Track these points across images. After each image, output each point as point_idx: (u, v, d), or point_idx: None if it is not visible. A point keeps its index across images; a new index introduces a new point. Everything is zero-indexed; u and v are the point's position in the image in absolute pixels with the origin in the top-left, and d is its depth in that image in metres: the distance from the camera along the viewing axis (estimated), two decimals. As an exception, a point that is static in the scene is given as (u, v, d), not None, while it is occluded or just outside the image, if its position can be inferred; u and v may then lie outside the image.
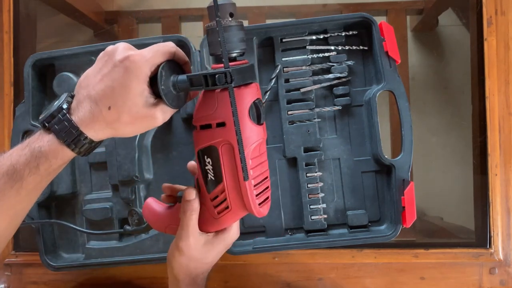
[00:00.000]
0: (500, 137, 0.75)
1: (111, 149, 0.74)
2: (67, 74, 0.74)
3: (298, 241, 0.73)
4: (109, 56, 0.47)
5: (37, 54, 0.75)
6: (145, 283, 0.79)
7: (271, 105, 0.76)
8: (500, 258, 0.75)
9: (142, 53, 0.47)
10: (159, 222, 0.59)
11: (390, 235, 0.70)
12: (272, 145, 0.76)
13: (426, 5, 0.99)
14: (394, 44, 0.71)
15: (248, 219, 0.75)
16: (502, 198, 0.75)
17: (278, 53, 0.75)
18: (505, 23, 0.77)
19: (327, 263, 0.76)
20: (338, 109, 0.74)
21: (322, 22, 0.74)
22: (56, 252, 0.77)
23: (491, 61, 0.76)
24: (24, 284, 0.81)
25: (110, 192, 0.76)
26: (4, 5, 0.85)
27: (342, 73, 0.74)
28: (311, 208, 0.73)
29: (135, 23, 1.01)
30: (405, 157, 0.70)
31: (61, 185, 0.76)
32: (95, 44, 0.74)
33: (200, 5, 1.03)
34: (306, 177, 0.74)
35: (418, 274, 0.75)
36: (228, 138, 0.50)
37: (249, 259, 0.60)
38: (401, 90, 0.70)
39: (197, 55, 0.74)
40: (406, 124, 0.70)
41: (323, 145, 0.74)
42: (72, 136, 0.46)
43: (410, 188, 0.69)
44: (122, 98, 0.45)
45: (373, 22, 0.72)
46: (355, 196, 0.74)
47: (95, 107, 0.46)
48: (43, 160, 0.47)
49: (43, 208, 0.75)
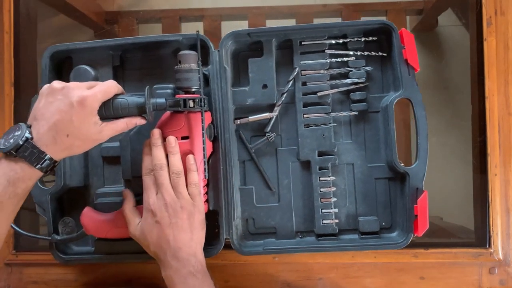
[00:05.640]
0: (500, 137, 0.76)
1: (125, 144, 0.73)
2: (84, 67, 0.73)
3: (309, 245, 0.74)
4: (63, 95, 0.57)
5: (55, 46, 0.75)
6: (145, 282, 0.79)
7: (287, 108, 0.76)
8: (500, 258, 0.75)
9: (95, 94, 0.58)
10: (100, 228, 0.70)
11: (401, 243, 0.70)
12: (286, 147, 0.76)
13: (426, 5, 0.99)
14: (414, 52, 0.71)
15: (259, 220, 0.76)
16: (502, 198, 0.75)
17: (296, 56, 0.75)
18: (505, 23, 0.77)
19: (327, 263, 0.76)
20: (355, 114, 0.74)
21: (342, 27, 0.74)
22: (66, 245, 0.76)
23: (491, 61, 0.76)
24: (24, 284, 0.80)
25: (122, 186, 0.75)
26: (4, 5, 0.84)
27: (360, 79, 0.74)
28: (323, 212, 0.74)
29: (135, 23, 1.00)
30: (419, 165, 0.70)
31: (74, 178, 0.75)
32: (114, 38, 0.73)
33: (200, 5, 1.02)
34: (319, 181, 0.74)
35: (418, 274, 0.76)
36: (190, 148, 0.66)
37: (249, 259, 0.60)
38: (418, 98, 0.71)
39: (216, 55, 0.73)
40: (422, 132, 0.70)
41: (338, 149, 0.75)
42: (41, 160, 0.56)
43: (424, 197, 0.69)
44: (78, 128, 0.57)
45: (394, 29, 0.72)
46: (367, 202, 0.75)
47: (56, 135, 0.57)
48: (20, 184, 0.56)
49: (54, 200, 0.75)
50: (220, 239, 0.71)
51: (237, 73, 0.77)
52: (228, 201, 0.72)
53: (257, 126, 0.76)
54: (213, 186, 0.72)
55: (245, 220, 0.76)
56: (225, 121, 0.72)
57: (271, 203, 0.76)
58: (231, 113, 0.74)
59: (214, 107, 0.72)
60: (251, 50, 0.77)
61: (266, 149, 0.76)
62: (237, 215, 0.74)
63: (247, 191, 0.76)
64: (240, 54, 0.77)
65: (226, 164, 0.72)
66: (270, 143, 0.76)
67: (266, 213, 0.75)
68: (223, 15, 1.00)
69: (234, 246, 0.72)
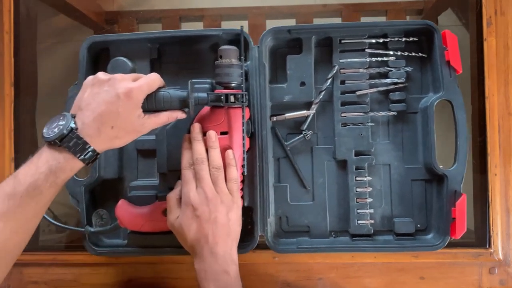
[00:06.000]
0: (500, 137, 0.75)
1: (161, 138, 0.73)
2: (122, 59, 0.73)
3: (343, 244, 0.73)
4: (109, 86, 0.57)
5: (93, 37, 0.74)
6: (145, 282, 0.78)
7: (324, 106, 0.76)
8: (500, 258, 0.74)
9: (141, 87, 0.58)
10: (135, 221, 0.70)
11: (438, 245, 0.70)
12: (322, 146, 0.76)
13: (425, 5, 0.98)
14: (457, 54, 0.70)
15: (293, 218, 0.75)
16: (502, 198, 0.75)
17: (336, 54, 0.74)
18: (505, 23, 0.77)
19: (327, 263, 0.76)
20: (393, 114, 0.74)
21: (384, 27, 0.73)
22: (97, 237, 0.76)
23: (491, 61, 0.76)
24: (24, 284, 0.79)
25: (156, 180, 0.75)
26: (4, 5, 0.84)
27: (400, 79, 0.73)
28: (358, 212, 0.73)
29: (136, 23, 1.00)
30: (458, 168, 0.70)
31: (108, 170, 0.75)
32: (153, 31, 0.72)
33: (200, 5, 1.02)
34: (355, 181, 0.73)
35: (418, 274, 0.75)
36: (229, 143, 0.66)
37: (249, 259, 0.59)
38: (459, 101, 0.70)
39: (256, 51, 0.72)
40: (462, 135, 0.70)
41: (375, 149, 0.74)
42: (84, 151, 0.56)
43: (462, 200, 0.69)
44: (124, 120, 0.57)
45: (436, 30, 0.71)
46: (402, 204, 0.74)
47: (101, 126, 0.56)
48: (61, 174, 0.55)
49: (88, 191, 0.75)
50: (255, 236, 0.71)
51: (274, 69, 0.77)
52: (263, 198, 0.72)
53: (293, 124, 0.76)
54: (248, 183, 0.72)
55: (279, 218, 0.75)
56: (263, 118, 0.72)
57: (305, 201, 0.75)
58: (268, 110, 0.74)
59: (252, 103, 0.72)
60: (289, 47, 0.77)
61: (301, 147, 0.76)
62: (271, 212, 0.73)
63: (281, 189, 0.75)
64: (277, 50, 0.77)
65: (262, 161, 0.72)
66: (306, 141, 0.75)
67: (300, 212, 0.75)
68: (223, 15, 1.00)
69: (269, 243, 0.72)
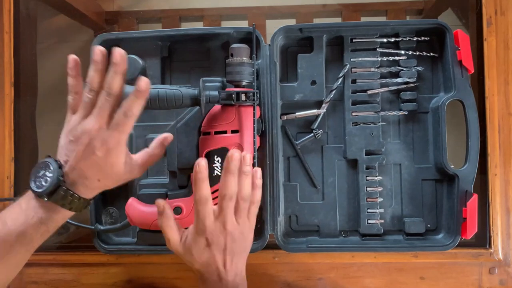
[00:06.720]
0: (500, 137, 0.75)
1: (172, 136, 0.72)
2: (133, 56, 0.72)
3: (353, 244, 0.73)
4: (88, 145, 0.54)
5: (104, 34, 0.74)
6: (145, 282, 0.78)
7: (335, 105, 0.75)
8: (500, 258, 0.74)
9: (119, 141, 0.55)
10: (145, 219, 0.69)
11: (449, 245, 0.70)
12: (332, 145, 0.75)
13: (426, 5, 0.98)
14: (469, 54, 0.70)
15: (302, 217, 0.75)
16: (502, 198, 0.74)
17: (347, 53, 0.74)
18: (505, 23, 0.77)
19: (327, 263, 0.76)
20: (404, 114, 0.74)
21: (395, 26, 0.73)
22: (107, 235, 0.76)
23: (491, 61, 0.76)
24: (24, 284, 0.79)
25: (166, 178, 0.75)
26: (4, 5, 0.84)
27: (411, 78, 0.73)
28: (368, 212, 0.73)
29: (135, 23, 1.00)
30: (470, 168, 0.70)
31: (118, 168, 0.74)
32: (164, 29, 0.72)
33: (200, 5, 1.02)
34: (366, 180, 0.73)
35: (418, 274, 0.75)
36: (240, 141, 0.65)
37: (249, 259, 0.59)
38: (471, 100, 0.70)
39: (267, 49, 0.72)
40: (474, 135, 0.70)
41: (385, 149, 0.74)
42: (75, 204, 0.56)
43: (473, 200, 0.69)
44: (108, 172, 0.56)
45: (448, 30, 0.71)
46: (413, 203, 0.74)
47: (87, 181, 0.56)
48: (52, 224, 0.56)
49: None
50: (265, 235, 0.71)
51: (284, 68, 0.77)
52: (273, 197, 0.71)
53: (303, 123, 0.76)
54: (258, 181, 0.71)
55: (288, 217, 0.75)
56: (273, 116, 0.72)
57: (315, 200, 0.75)
58: (278, 108, 0.74)
59: (262, 102, 0.71)
60: (299, 45, 0.76)
61: (311, 146, 0.76)
62: (281, 211, 0.73)
63: (291, 188, 0.75)
64: (288, 49, 0.77)
65: (273, 160, 0.71)
66: (316, 140, 0.75)
67: (309, 211, 0.75)
68: (223, 15, 1.00)
69: (279, 242, 0.72)
